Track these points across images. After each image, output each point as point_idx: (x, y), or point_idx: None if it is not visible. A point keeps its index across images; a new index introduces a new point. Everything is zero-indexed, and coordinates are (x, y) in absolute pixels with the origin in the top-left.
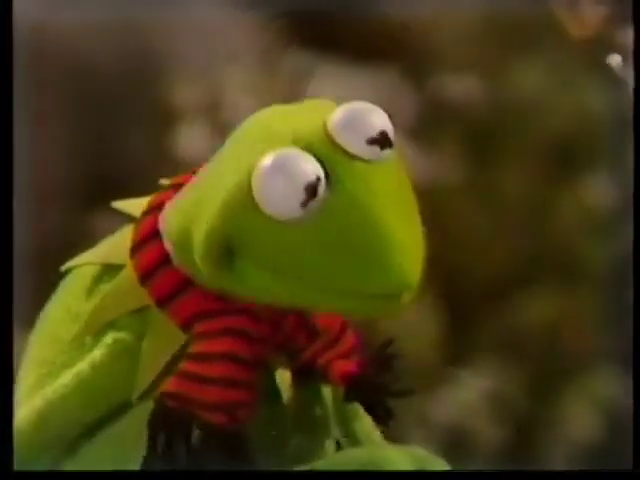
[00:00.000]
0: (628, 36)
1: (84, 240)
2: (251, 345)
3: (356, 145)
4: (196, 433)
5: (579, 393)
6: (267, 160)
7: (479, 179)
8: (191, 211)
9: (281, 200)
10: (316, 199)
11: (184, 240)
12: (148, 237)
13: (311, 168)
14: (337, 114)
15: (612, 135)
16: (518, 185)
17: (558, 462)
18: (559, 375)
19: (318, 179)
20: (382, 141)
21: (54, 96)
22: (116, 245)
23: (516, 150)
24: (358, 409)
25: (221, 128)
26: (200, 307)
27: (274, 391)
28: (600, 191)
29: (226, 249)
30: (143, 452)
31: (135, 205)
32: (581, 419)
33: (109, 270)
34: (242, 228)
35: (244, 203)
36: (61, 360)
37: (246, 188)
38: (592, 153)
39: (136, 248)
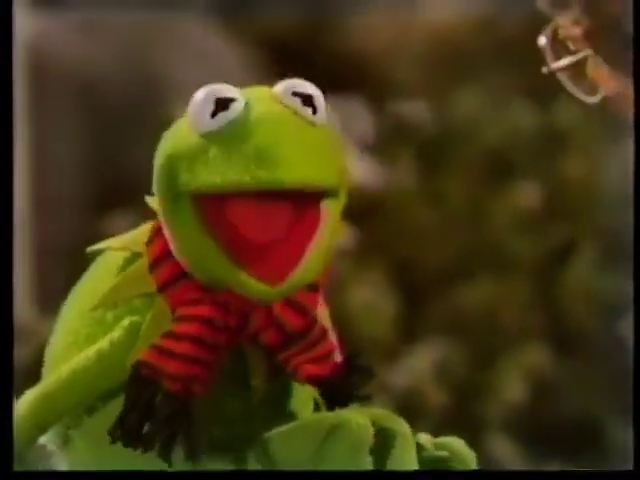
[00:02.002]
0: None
1: (97, 240)
2: (216, 333)
3: (284, 94)
4: (158, 396)
5: (511, 364)
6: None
7: (428, 186)
8: None
9: (198, 110)
10: (226, 113)
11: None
12: (158, 232)
13: (228, 91)
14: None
15: (539, 148)
16: (460, 191)
17: (493, 419)
18: (495, 349)
19: (232, 99)
20: (304, 97)
21: (70, 117)
22: (136, 237)
23: (459, 162)
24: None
25: None
26: (185, 295)
27: (244, 378)
28: (529, 195)
29: (171, 187)
30: None
31: (156, 201)
32: (513, 385)
33: (130, 258)
34: (180, 149)
35: (181, 126)
36: (85, 331)
37: (185, 117)
38: (522, 163)
39: (150, 240)
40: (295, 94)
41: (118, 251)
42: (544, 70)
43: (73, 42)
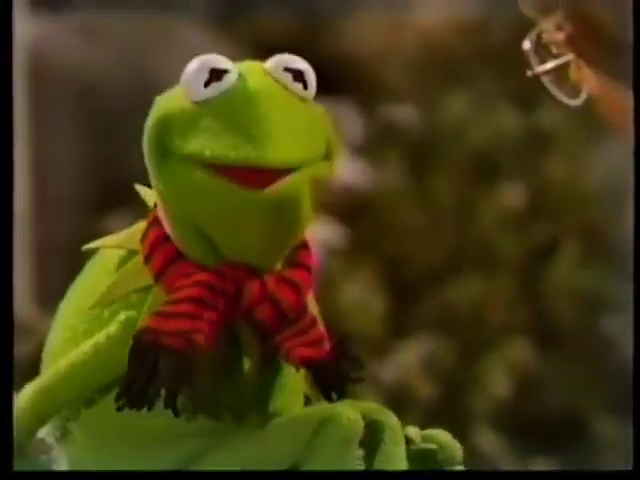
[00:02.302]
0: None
1: (96, 239)
2: (215, 295)
3: (275, 68)
4: (161, 356)
5: (497, 359)
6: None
7: (416, 186)
8: None
9: (191, 78)
10: (220, 84)
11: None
12: (152, 224)
13: (222, 62)
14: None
15: (524, 150)
16: (447, 191)
17: (478, 412)
18: (481, 344)
19: (226, 71)
20: (295, 72)
21: (70, 119)
22: (131, 234)
23: (446, 163)
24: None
25: None
26: (182, 272)
27: (239, 364)
28: (514, 195)
29: (161, 147)
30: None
31: (149, 193)
32: (498, 379)
33: (126, 256)
34: (173, 114)
35: (175, 93)
36: (82, 328)
37: (179, 85)
38: (508, 164)
39: (144, 234)
40: (286, 69)
41: (114, 249)
42: (529, 73)
43: (73, 45)
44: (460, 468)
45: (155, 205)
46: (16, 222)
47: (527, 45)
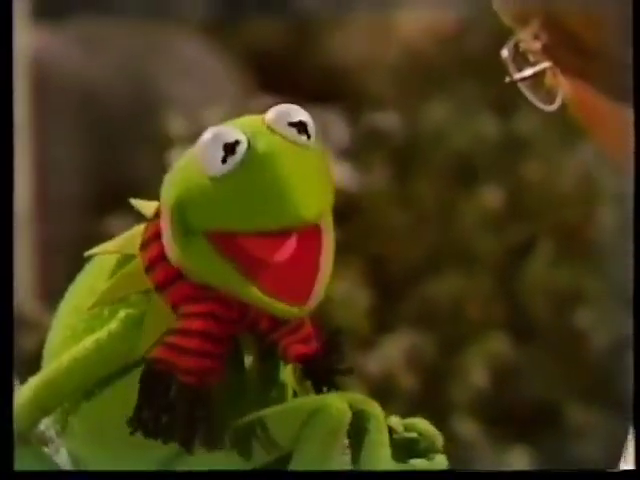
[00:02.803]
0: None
1: (97, 239)
2: (221, 325)
3: (280, 125)
4: (173, 389)
5: (476, 351)
6: (206, 132)
7: (400, 189)
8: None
9: (210, 157)
10: (234, 157)
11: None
12: (153, 238)
13: (232, 134)
14: (272, 109)
15: (502, 154)
16: (429, 193)
17: (458, 401)
18: (461, 338)
19: (237, 142)
20: (299, 126)
21: (71, 126)
22: (129, 239)
23: (428, 167)
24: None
25: None
26: (187, 293)
27: (240, 364)
28: (493, 197)
29: (184, 225)
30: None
31: (144, 205)
32: (477, 371)
33: (124, 259)
34: (191, 190)
35: (191, 168)
36: (82, 327)
37: (192, 157)
38: (486, 168)
39: (144, 245)
40: (290, 124)
41: (112, 254)
42: (507, 80)
43: (73, 54)
44: (440, 456)
45: (154, 216)
46: (22, 224)
47: (505, 53)
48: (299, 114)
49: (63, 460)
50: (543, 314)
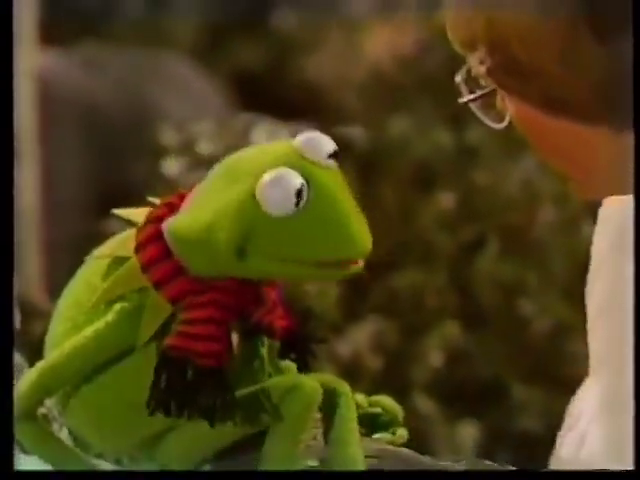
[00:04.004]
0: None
1: (97, 238)
2: (223, 311)
3: (321, 158)
4: (190, 371)
5: (433, 336)
6: (268, 176)
7: (366, 193)
8: (201, 220)
9: (281, 204)
10: (303, 200)
11: (196, 241)
12: (150, 239)
13: (297, 179)
14: (302, 139)
15: (456, 162)
16: (392, 197)
17: (417, 381)
18: (420, 325)
19: (302, 185)
20: (335, 155)
21: (74, 138)
22: (123, 242)
23: (391, 174)
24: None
25: (195, 162)
26: (187, 288)
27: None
28: (448, 200)
29: (239, 250)
30: (140, 382)
31: (131, 213)
32: (434, 354)
33: (119, 260)
34: (252, 228)
35: (252, 209)
36: (82, 319)
37: (250, 199)
38: (442, 175)
39: (140, 247)
40: (330, 156)
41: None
42: (460, 101)
43: (77, 76)
44: (401, 429)
45: (145, 222)
46: (30, 225)
47: (458, 78)
48: (330, 143)
49: (64, 436)
50: (491, 303)
